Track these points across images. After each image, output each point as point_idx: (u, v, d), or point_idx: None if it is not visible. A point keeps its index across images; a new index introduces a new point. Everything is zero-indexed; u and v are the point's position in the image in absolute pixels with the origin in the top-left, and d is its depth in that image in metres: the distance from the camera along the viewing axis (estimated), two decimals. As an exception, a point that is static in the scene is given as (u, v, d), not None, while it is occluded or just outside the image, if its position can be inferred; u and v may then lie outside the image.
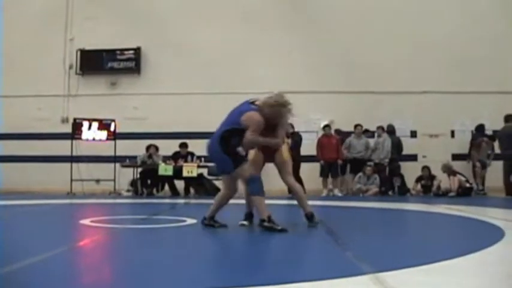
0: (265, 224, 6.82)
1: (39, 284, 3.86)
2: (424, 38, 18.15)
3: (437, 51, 18.11)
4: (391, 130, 17.52)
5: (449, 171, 16.54)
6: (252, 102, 7.27)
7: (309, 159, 17.39)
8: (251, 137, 6.93)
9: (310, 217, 7.54)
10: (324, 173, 17.51)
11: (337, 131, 17.91)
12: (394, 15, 18.36)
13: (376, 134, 17.60)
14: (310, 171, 17.41)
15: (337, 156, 17.35)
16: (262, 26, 18.70)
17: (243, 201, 7.81)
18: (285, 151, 7.65)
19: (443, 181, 16.68)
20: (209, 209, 7.42)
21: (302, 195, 7.69)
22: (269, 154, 7.57)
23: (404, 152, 17.63)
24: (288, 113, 7.37)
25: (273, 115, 7.13)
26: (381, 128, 17.45)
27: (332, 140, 17.51)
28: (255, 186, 7.04)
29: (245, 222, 7.56)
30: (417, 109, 18.00)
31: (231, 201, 7.47)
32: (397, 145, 17.45)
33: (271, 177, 8.26)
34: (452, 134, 18.30)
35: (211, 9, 19.27)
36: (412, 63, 18.14)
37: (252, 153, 7.65)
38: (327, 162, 17.35)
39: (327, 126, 17.61)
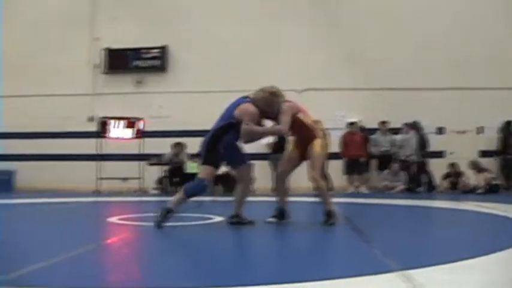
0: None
1: (70, 281, 3.90)
2: (450, 34, 17.99)
3: (465, 47, 17.92)
4: (416, 127, 17.39)
5: (477, 168, 16.42)
6: (246, 97, 7.49)
7: (335, 156, 17.36)
8: (246, 127, 7.05)
9: (327, 214, 7.45)
10: (347, 170, 17.47)
11: (361, 128, 17.84)
12: (421, 10, 18.21)
13: (402, 131, 17.50)
14: (336, 168, 17.38)
15: (361, 154, 17.30)
16: (286, 22, 18.65)
17: (271, 198, 7.84)
18: (317, 145, 7.57)
19: (471, 178, 16.57)
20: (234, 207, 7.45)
21: (324, 192, 7.63)
22: (305, 150, 7.61)
23: (432, 148, 17.48)
24: (280, 101, 7.43)
25: (266, 104, 7.32)
26: (407, 125, 17.34)
27: (356, 137, 17.45)
28: (193, 188, 7.26)
29: (272, 219, 7.57)
30: (444, 105, 17.81)
31: (259, 198, 7.50)
32: (423, 142, 17.32)
33: (294, 174, 8.23)
34: (480, 130, 18.12)
35: (235, 7, 19.28)
36: (439, 59, 17.96)
37: (288, 149, 7.92)
38: (350, 159, 17.30)
39: (353, 123, 17.56)
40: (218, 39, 18.82)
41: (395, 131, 17.65)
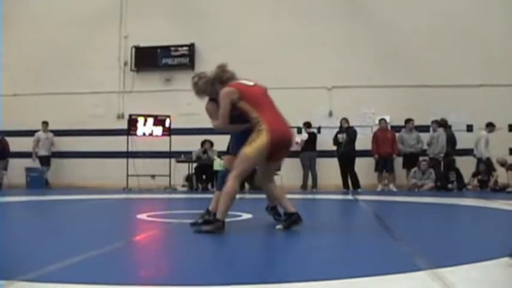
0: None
1: (100, 277, 3.93)
2: (479, 31, 17.84)
3: (493, 44, 17.77)
4: (444, 124, 17.24)
5: (507, 166, 16.26)
6: None
7: (364, 153, 17.31)
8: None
9: (207, 220, 6.74)
10: (378, 168, 17.41)
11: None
12: (449, 8, 18.06)
13: (431, 129, 17.39)
14: (365, 166, 17.34)
15: (392, 151, 17.23)
16: (315, 20, 18.62)
17: (298, 196, 7.77)
18: (250, 142, 6.30)
19: (501, 176, 16.41)
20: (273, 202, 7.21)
21: (225, 195, 6.34)
22: None
23: (461, 146, 17.35)
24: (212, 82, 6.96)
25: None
26: (436, 122, 17.22)
27: (387, 135, 17.39)
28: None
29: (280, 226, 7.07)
30: (473, 103, 17.67)
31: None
32: (451, 139, 17.19)
33: (323, 172, 8.21)
34: (510, 128, 17.94)
35: (264, 3, 19.29)
36: (467, 56, 17.83)
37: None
38: (381, 156, 17.24)
39: (382, 119, 17.49)
40: (246, 36, 18.84)
41: (424, 128, 17.53)
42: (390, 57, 18.12)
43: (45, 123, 19.26)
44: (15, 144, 19.26)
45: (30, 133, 19.56)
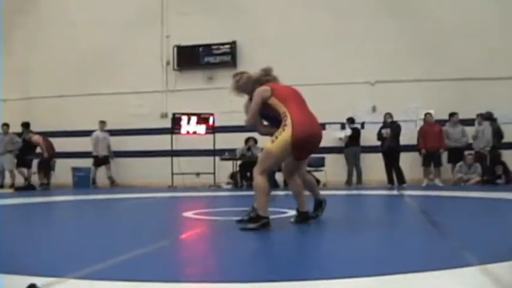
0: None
1: (148, 275, 3.97)
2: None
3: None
4: (489, 117, 16.99)
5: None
6: None
7: (409, 148, 17.16)
8: None
9: (252, 218, 6.61)
10: (426, 162, 17.24)
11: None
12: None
13: (476, 122, 17.14)
14: (410, 161, 17.19)
15: (439, 145, 17.04)
16: (357, 14, 18.52)
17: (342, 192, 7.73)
18: (274, 139, 6.33)
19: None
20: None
21: (258, 191, 6.41)
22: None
23: (507, 139, 17.08)
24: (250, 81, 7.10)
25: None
26: (481, 115, 16.98)
27: (434, 129, 17.21)
28: None
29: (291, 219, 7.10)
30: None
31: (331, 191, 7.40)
32: (497, 133, 16.94)
33: (367, 167, 8.15)
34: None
35: (304, 0, 19.23)
36: (510, 48, 17.55)
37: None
38: (428, 151, 17.06)
39: (428, 113, 17.32)
40: (287, 33, 18.82)
41: (469, 122, 17.29)
42: (433, 51, 17.91)
43: (102, 123, 19.49)
44: (61, 144, 19.54)
45: (75, 133, 19.85)
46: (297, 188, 6.82)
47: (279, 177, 17.05)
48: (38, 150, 18.89)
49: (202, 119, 18.54)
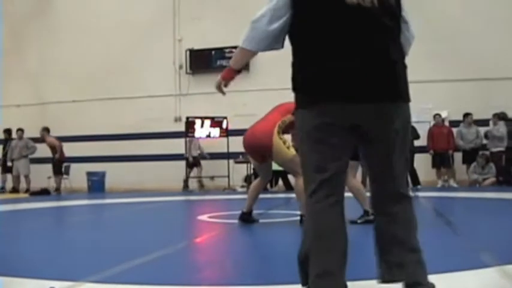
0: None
1: (164, 279, 3.97)
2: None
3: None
4: (504, 117, 16.88)
5: None
6: None
7: (423, 150, 17.08)
8: None
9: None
10: (435, 164, 17.17)
11: (443, 120, 17.49)
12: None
13: (491, 122, 17.03)
14: (424, 163, 17.11)
15: (448, 147, 16.96)
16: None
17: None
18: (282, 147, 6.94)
19: None
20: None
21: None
22: None
23: (523, 139, 17.00)
24: None
25: None
26: (496, 115, 16.88)
27: (443, 130, 17.12)
28: None
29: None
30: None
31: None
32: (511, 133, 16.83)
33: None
34: None
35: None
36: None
37: None
38: (437, 152, 16.98)
39: (437, 114, 17.24)
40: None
41: (484, 122, 17.18)
42: (447, 51, 17.81)
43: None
44: (75, 149, 19.61)
45: (88, 138, 19.95)
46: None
47: (293, 180, 17.07)
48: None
49: (215, 122, 18.56)
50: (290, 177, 15.45)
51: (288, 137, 7.20)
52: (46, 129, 18.91)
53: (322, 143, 2.82)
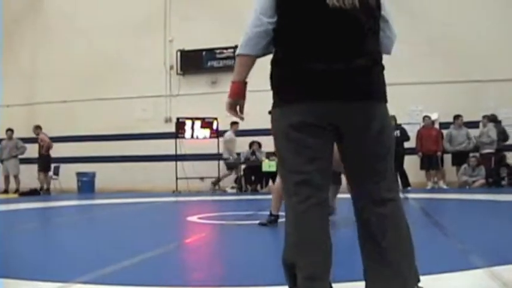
0: None
1: (153, 279, 3.97)
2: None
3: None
4: (494, 119, 16.95)
5: None
6: None
7: (413, 151, 17.11)
8: None
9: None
10: (424, 166, 17.20)
11: (433, 122, 17.52)
12: (496, 2, 17.77)
13: (481, 124, 17.08)
14: (414, 165, 17.14)
15: (437, 149, 17.00)
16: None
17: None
18: None
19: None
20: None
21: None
22: None
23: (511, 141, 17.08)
24: None
25: None
26: (486, 117, 16.94)
27: (432, 132, 17.15)
28: None
29: None
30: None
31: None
32: (502, 134, 16.90)
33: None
34: None
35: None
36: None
37: None
38: (425, 154, 17.01)
39: (426, 116, 17.28)
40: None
41: (474, 124, 17.23)
42: (437, 53, 17.86)
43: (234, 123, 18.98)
44: (65, 149, 19.57)
45: (79, 138, 19.91)
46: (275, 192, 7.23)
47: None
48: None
49: (206, 123, 18.54)
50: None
51: None
52: (39, 127, 18.93)
53: (300, 143, 2.82)
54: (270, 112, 3.04)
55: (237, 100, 3.25)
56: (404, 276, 2.88)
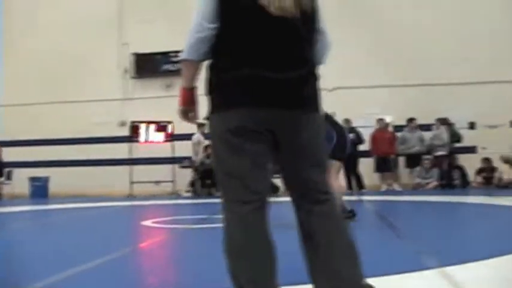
0: None
1: (106, 285, 3.92)
2: (478, 28, 17.78)
3: (493, 42, 17.72)
4: (446, 122, 17.21)
5: (510, 163, 16.21)
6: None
7: (368, 154, 17.26)
8: None
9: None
10: (378, 168, 17.36)
11: (387, 125, 17.70)
12: (448, 7, 18.05)
13: (434, 127, 17.31)
14: (369, 167, 17.29)
15: (391, 151, 17.18)
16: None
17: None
18: None
19: (505, 173, 16.39)
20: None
21: None
22: None
23: (463, 144, 17.33)
24: None
25: None
26: (439, 120, 17.17)
27: (386, 135, 17.32)
28: None
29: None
30: (475, 100, 17.62)
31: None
32: (455, 137, 17.16)
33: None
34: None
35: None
36: (467, 54, 17.76)
37: None
38: (379, 156, 17.17)
39: (380, 119, 17.44)
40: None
41: (428, 127, 17.46)
42: (392, 57, 18.06)
43: None
44: (18, 153, 19.29)
45: (32, 142, 19.62)
46: None
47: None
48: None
49: (160, 126, 18.43)
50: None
51: None
52: None
53: (239, 147, 2.86)
54: (207, 118, 3.04)
55: (188, 107, 3.25)
56: (349, 274, 3.01)
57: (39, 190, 18.65)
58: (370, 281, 3.63)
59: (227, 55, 2.94)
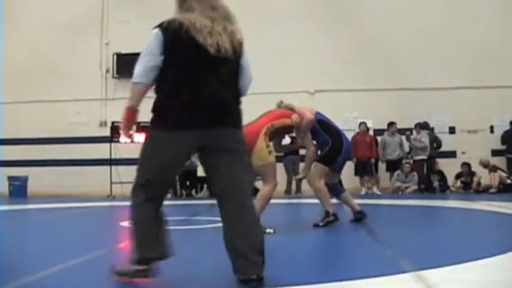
0: None
1: (83, 286, 3.91)
2: (459, 33, 17.92)
3: (473, 47, 17.85)
4: (426, 126, 17.31)
5: (490, 167, 16.35)
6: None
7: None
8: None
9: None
10: (358, 172, 17.41)
11: (367, 129, 17.77)
12: (428, 12, 18.16)
13: (414, 132, 17.39)
14: (349, 170, 17.31)
15: (371, 155, 17.24)
16: (297, 24, 18.56)
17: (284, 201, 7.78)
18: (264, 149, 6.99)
19: (484, 177, 16.50)
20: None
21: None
22: None
23: (443, 148, 17.45)
24: None
25: None
26: (418, 125, 17.26)
27: (366, 138, 17.38)
28: None
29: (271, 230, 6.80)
30: (455, 105, 17.74)
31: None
32: (434, 142, 17.27)
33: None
34: (492, 129, 18.03)
35: (245, 8, 19.18)
36: (447, 59, 17.88)
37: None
38: (359, 160, 17.22)
39: (362, 123, 17.50)
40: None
41: (407, 131, 17.54)
42: (372, 61, 18.15)
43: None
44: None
45: (12, 141, 19.49)
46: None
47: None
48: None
49: (141, 127, 18.31)
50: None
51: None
52: None
53: (165, 158, 3.95)
54: (151, 123, 4.15)
55: (130, 124, 4.40)
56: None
57: (18, 190, 18.51)
58: (347, 284, 3.67)
59: (170, 83, 3.91)
